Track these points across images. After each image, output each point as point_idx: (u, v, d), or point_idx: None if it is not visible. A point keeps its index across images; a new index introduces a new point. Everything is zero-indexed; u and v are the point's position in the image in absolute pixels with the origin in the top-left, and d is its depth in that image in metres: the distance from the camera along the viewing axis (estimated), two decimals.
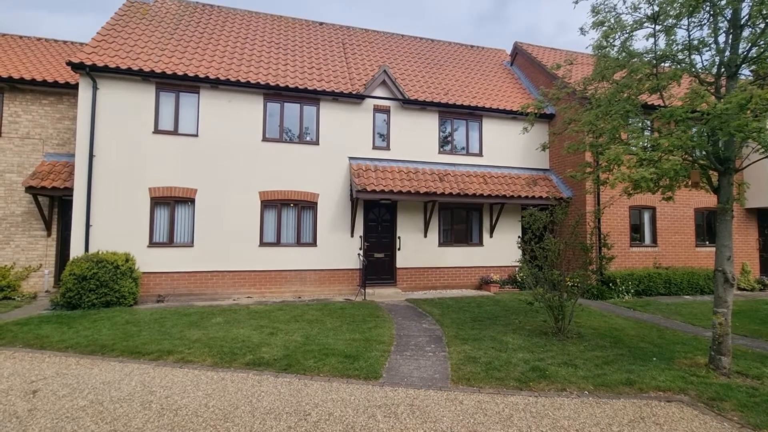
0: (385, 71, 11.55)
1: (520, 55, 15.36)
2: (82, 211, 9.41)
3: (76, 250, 9.30)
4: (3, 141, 10.54)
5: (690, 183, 5.54)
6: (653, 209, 12.22)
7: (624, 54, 5.51)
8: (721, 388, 4.72)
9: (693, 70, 5.45)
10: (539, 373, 5.13)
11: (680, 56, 5.56)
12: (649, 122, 6.85)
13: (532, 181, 12.34)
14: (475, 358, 5.68)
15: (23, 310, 8.51)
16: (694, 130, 5.30)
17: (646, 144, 4.97)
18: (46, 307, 8.75)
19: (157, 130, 10.06)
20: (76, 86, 10.48)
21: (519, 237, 12.68)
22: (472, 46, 16.45)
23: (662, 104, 5.57)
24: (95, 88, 9.59)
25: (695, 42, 5.48)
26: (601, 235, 6.96)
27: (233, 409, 4.09)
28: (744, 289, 12.47)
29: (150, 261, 9.79)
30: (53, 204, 10.64)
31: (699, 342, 6.66)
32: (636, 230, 12.19)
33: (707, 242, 12.82)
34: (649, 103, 8.58)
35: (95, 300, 8.35)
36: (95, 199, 9.53)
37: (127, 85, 9.91)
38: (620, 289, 10.80)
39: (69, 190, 9.73)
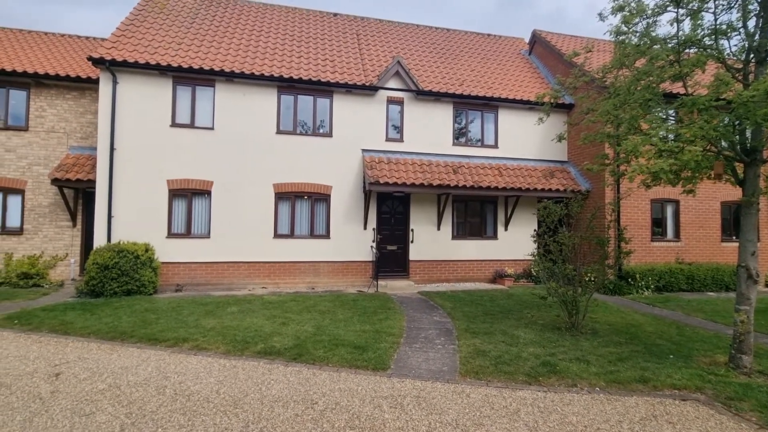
0: (398, 62, 11.43)
1: (538, 43, 14.94)
2: (104, 203, 9.74)
3: (99, 240, 9.64)
4: (30, 135, 10.96)
5: (713, 175, 5.31)
6: (677, 202, 11.78)
7: (645, 40, 5.28)
8: (741, 387, 4.55)
9: (719, 56, 5.18)
10: (549, 368, 5.06)
11: (706, 42, 5.29)
12: (672, 112, 6.57)
13: (549, 173, 12.08)
14: (484, 351, 5.64)
15: (51, 297, 8.90)
16: (719, 119, 5.05)
17: (665, 134, 4.76)
18: (71, 294, 9.13)
19: (174, 124, 10.27)
20: (97, 81, 10.76)
21: (534, 230, 12.42)
22: (488, 35, 16.09)
23: (685, 92, 5.32)
24: (115, 83, 9.84)
25: (723, 26, 5.20)
26: (620, 229, 6.75)
27: (243, 396, 4.19)
28: None
29: (168, 251, 10.07)
30: (78, 195, 11.04)
31: (720, 340, 6.43)
32: (658, 224, 11.79)
33: (734, 237, 12.30)
34: (673, 92, 8.22)
35: (117, 288, 8.66)
36: (116, 191, 9.83)
37: (146, 79, 10.12)
38: (639, 284, 10.51)
39: (92, 182, 10.06)
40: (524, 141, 12.63)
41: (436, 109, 11.99)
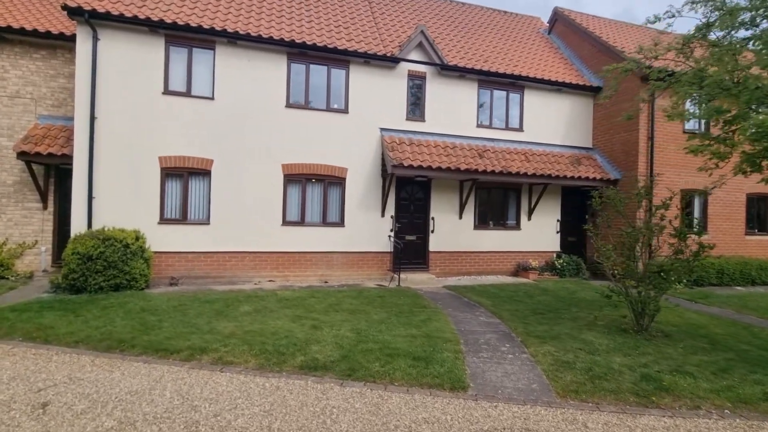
0: (422, 32, 10.29)
1: (560, 22, 14.06)
2: (83, 182, 8.28)
3: (77, 225, 8.21)
4: None
5: None
6: (705, 193, 11.31)
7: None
8: None
9: None
10: (655, 384, 4.27)
11: None
12: None
13: (576, 160, 11.38)
14: (567, 362, 4.80)
15: (20, 292, 7.48)
16: None
17: None
18: (45, 289, 7.73)
19: (167, 91, 8.83)
20: (72, 38, 9.10)
21: (558, 221, 11.79)
22: (505, 12, 15.08)
23: None
24: (96, 39, 8.28)
25: None
26: (696, 220, 6.11)
27: None
28: None
29: (161, 239, 8.72)
30: (49, 173, 9.45)
31: None
32: (686, 215, 11.31)
33: (756, 230, 12.04)
34: None
35: (103, 283, 7.33)
36: (98, 168, 8.37)
37: (133, 36, 8.59)
38: (672, 278, 9.97)
39: (67, 158, 8.55)
40: (549, 125, 11.81)
41: (459, 86, 10.96)
